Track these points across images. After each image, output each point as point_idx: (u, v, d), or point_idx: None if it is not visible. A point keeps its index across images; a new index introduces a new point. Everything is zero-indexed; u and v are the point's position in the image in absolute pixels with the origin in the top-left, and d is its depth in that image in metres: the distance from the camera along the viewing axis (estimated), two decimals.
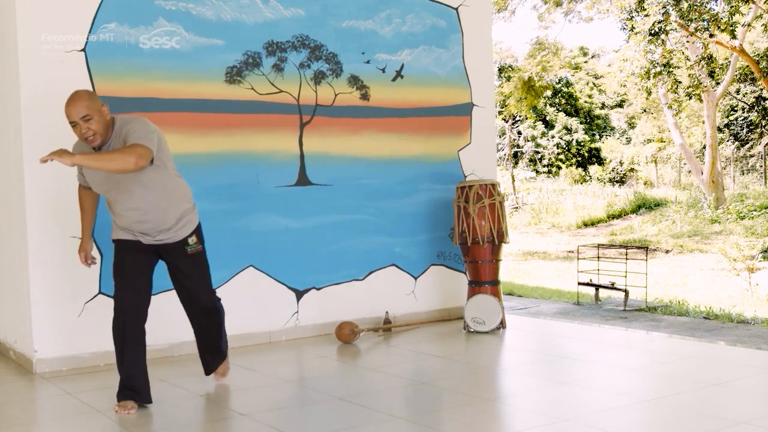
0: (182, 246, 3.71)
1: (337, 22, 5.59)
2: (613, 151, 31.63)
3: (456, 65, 6.14)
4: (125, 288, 3.65)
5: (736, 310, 6.83)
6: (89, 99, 3.47)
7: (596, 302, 7.51)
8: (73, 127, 3.47)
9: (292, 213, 5.40)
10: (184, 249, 3.72)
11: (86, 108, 3.42)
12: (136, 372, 3.65)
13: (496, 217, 5.49)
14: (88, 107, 3.42)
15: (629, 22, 17.08)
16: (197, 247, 3.76)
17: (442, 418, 3.47)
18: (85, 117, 3.41)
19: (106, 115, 3.49)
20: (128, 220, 3.61)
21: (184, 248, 3.72)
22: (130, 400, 3.62)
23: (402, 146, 5.88)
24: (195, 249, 3.75)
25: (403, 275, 5.89)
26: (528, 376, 4.30)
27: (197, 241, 3.77)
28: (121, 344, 3.64)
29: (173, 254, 3.73)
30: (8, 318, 5.07)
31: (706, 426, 3.14)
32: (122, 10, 4.77)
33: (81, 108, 3.42)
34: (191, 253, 3.74)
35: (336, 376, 4.41)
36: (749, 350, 4.76)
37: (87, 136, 3.44)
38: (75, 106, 3.43)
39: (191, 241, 3.73)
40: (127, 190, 3.54)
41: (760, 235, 14.06)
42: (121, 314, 3.63)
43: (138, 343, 3.66)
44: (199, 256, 3.79)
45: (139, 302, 3.67)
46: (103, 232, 4.71)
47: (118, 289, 3.67)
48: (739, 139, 25.39)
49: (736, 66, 19.24)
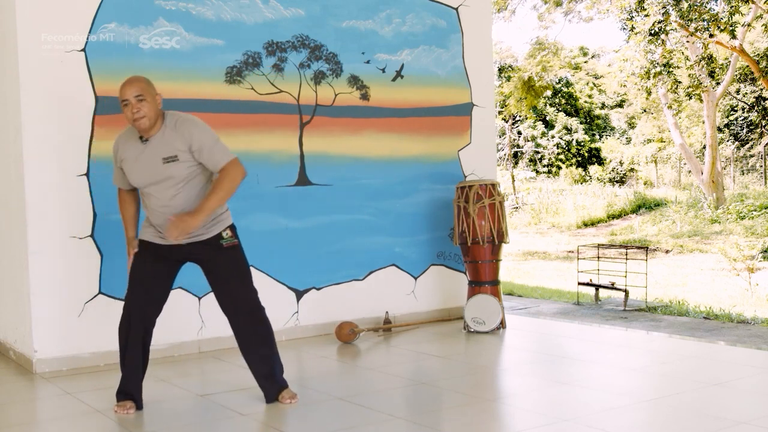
0: (217, 240, 3.59)
1: (337, 22, 5.59)
2: (613, 151, 31.63)
3: (456, 65, 6.14)
4: (137, 291, 3.59)
5: (736, 310, 6.83)
6: (146, 82, 3.50)
7: (596, 302, 7.51)
8: (124, 107, 3.44)
9: (292, 213, 5.40)
10: (220, 243, 3.59)
11: (142, 89, 3.44)
12: (132, 376, 3.63)
13: (496, 217, 5.49)
14: (143, 89, 3.44)
15: (629, 22, 17.08)
16: (233, 240, 3.63)
17: (442, 418, 3.47)
18: (139, 97, 3.41)
19: (158, 103, 3.50)
20: (162, 217, 3.53)
21: (220, 242, 3.59)
22: (128, 401, 3.62)
23: (402, 146, 5.88)
24: (231, 242, 3.61)
25: (403, 275, 5.90)
26: (528, 376, 4.30)
27: (232, 235, 3.64)
28: (123, 347, 3.62)
29: (207, 252, 3.59)
30: (8, 318, 5.07)
31: (706, 426, 3.14)
32: (122, 10, 4.77)
33: (137, 88, 3.44)
34: (227, 247, 3.59)
35: (336, 376, 4.41)
36: (749, 350, 4.76)
37: (136, 117, 3.41)
38: (131, 85, 3.45)
39: (226, 234, 3.60)
40: (167, 186, 3.49)
41: (760, 235, 14.06)
42: (128, 316, 3.59)
43: (139, 348, 3.61)
44: (237, 250, 3.64)
45: (147, 308, 3.61)
46: (103, 232, 4.72)
47: (130, 291, 3.61)
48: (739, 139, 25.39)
49: (736, 66, 19.24)
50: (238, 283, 3.64)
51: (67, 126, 4.62)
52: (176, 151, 3.46)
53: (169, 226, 3.41)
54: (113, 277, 4.73)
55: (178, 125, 3.49)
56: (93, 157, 4.69)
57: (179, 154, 3.46)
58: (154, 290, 3.62)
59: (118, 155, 3.63)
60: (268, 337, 3.69)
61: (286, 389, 3.71)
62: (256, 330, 3.66)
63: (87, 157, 4.67)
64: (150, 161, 3.49)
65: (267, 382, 3.69)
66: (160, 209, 3.53)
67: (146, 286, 3.60)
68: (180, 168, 3.47)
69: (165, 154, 3.46)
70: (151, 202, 3.56)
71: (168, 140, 3.47)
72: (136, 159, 3.53)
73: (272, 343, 3.71)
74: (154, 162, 3.48)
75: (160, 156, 3.47)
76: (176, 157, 3.46)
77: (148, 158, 3.49)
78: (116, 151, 3.65)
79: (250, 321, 3.65)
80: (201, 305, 5.02)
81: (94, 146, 4.69)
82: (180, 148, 3.46)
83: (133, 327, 3.58)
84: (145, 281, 3.60)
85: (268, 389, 3.69)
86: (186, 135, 3.47)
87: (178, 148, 3.46)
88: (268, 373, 3.69)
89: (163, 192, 3.50)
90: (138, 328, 3.59)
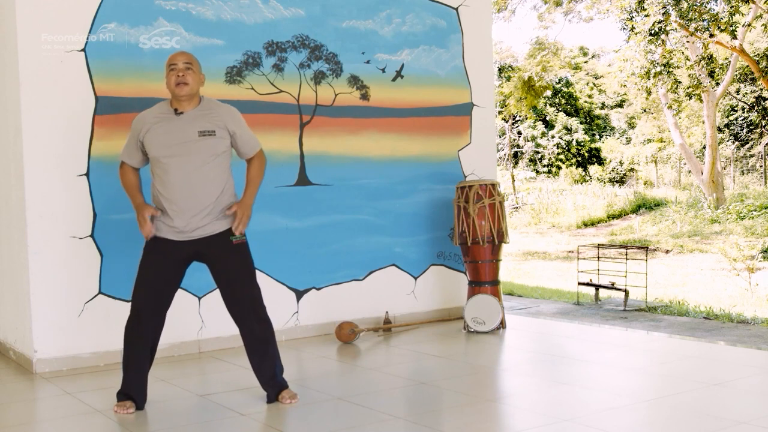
0: (227, 237, 3.61)
1: (337, 22, 5.59)
2: (613, 151, 31.64)
3: (456, 65, 6.14)
4: (147, 292, 3.59)
5: (736, 310, 6.83)
6: (195, 59, 3.69)
7: (596, 302, 7.51)
8: (169, 71, 3.59)
9: (292, 213, 5.40)
10: (230, 240, 3.61)
11: (191, 59, 3.63)
12: (136, 377, 3.63)
13: (496, 217, 5.50)
14: (192, 60, 3.64)
15: (629, 22, 17.08)
16: (242, 238, 3.65)
17: (442, 418, 3.47)
18: (187, 64, 3.59)
19: (200, 81, 3.67)
20: (177, 192, 3.52)
21: (230, 238, 3.61)
22: (128, 401, 3.61)
23: (402, 146, 5.88)
24: (240, 239, 3.63)
25: (403, 275, 5.90)
26: (528, 376, 4.30)
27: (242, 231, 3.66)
28: (130, 346, 3.62)
29: (215, 248, 3.60)
30: (8, 318, 5.07)
31: (706, 426, 3.14)
32: (122, 10, 4.77)
33: (187, 56, 3.64)
34: (236, 244, 3.61)
35: (336, 376, 4.41)
36: (749, 350, 4.76)
37: (179, 81, 3.55)
38: (182, 53, 3.67)
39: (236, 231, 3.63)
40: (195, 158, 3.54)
41: (760, 235, 14.06)
42: (137, 316, 3.59)
43: (147, 349, 3.62)
44: (245, 249, 3.67)
45: (157, 310, 3.62)
46: (103, 232, 4.72)
47: (140, 292, 3.60)
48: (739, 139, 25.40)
49: (736, 66, 19.24)
50: (245, 282, 3.65)
51: (67, 126, 4.62)
52: (215, 127, 3.61)
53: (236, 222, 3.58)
54: (113, 277, 4.73)
55: (216, 107, 3.69)
56: (93, 157, 4.69)
57: (217, 131, 3.60)
58: (163, 292, 3.63)
59: (141, 126, 3.64)
60: (272, 336, 3.71)
61: (287, 389, 3.71)
62: (261, 329, 3.67)
63: (87, 157, 4.67)
64: (182, 132, 3.57)
65: (269, 381, 3.69)
66: (179, 182, 3.53)
67: (156, 287, 3.61)
68: (215, 143, 3.59)
69: (202, 128, 3.58)
70: (169, 176, 3.55)
71: (207, 117, 3.62)
72: (166, 128, 3.59)
73: (275, 343, 3.72)
74: (188, 133, 3.57)
75: (196, 129, 3.58)
76: (213, 132, 3.60)
77: (180, 129, 3.58)
78: (139, 123, 3.67)
79: (255, 320, 3.66)
80: (201, 305, 5.02)
81: (94, 146, 4.69)
82: (219, 125, 3.62)
83: (143, 327, 3.59)
84: (155, 282, 3.60)
85: (269, 389, 3.70)
86: (225, 116, 3.66)
87: (217, 124, 3.62)
88: (271, 373, 3.69)
89: (187, 163, 3.54)
90: (148, 328, 3.60)
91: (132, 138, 3.70)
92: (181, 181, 3.54)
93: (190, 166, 3.54)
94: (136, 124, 3.70)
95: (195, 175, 3.54)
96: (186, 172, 3.54)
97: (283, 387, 3.71)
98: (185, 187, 3.53)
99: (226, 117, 3.66)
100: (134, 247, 4.79)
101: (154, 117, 3.65)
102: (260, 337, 3.67)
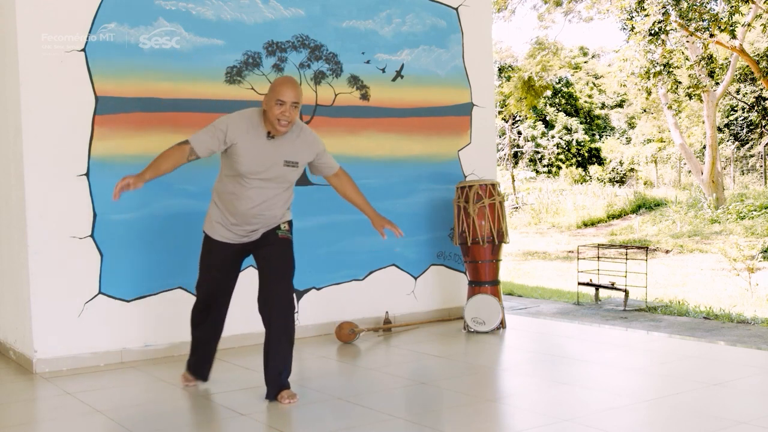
0: (274, 230, 3.76)
1: (337, 22, 5.59)
2: (613, 151, 31.65)
3: (456, 65, 6.14)
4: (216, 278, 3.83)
5: (736, 310, 6.83)
6: (302, 93, 3.64)
7: (596, 302, 7.51)
8: (277, 105, 3.52)
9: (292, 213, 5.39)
10: (276, 233, 3.75)
11: (299, 97, 3.59)
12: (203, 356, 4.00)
13: (496, 217, 5.50)
14: (300, 97, 3.60)
15: (629, 22, 17.08)
16: (288, 234, 3.78)
17: (442, 418, 3.46)
18: (295, 104, 3.57)
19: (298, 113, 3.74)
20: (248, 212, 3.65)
21: (276, 232, 3.75)
22: (194, 374, 4.03)
23: (402, 146, 5.88)
24: (285, 234, 3.77)
25: (403, 275, 5.90)
26: (528, 376, 4.30)
27: (288, 228, 3.80)
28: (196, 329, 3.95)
29: (262, 240, 3.76)
30: (8, 318, 5.07)
31: (706, 426, 3.14)
32: (122, 10, 4.77)
33: (297, 94, 3.58)
34: (282, 237, 3.75)
35: (336, 376, 4.41)
36: (749, 350, 4.76)
37: (284, 122, 3.55)
38: (294, 89, 3.57)
39: (283, 227, 3.77)
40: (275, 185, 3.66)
41: (760, 235, 14.06)
42: (206, 299, 3.86)
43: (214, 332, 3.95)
44: (288, 244, 3.78)
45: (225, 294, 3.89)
46: (103, 232, 4.72)
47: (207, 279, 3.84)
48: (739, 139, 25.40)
49: (736, 66, 19.24)
50: (279, 273, 3.73)
51: (67, 126, 4.62)
52: (300, 159, 3.70)
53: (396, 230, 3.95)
54: (113, 277, 4.73)
55: (303, 134, 3.73)
56: (93, 157, 4.69)
57: (300, 163, 3.71)
58: (229, 277, 3.88)
59: (235, 134, 3.58)
60: (293, 336, 3.78)
61: (286, 389, 3.72)
62: (286, 326, 3.73)
63: (87, 157, 4.67)
64: (271, 157, 3.62)
65: (274, 378, 3.73)
66: (254, 202, 3.65)
67: (222, 274, 3.84)
68: (294, 174, 3.71)
69: (289, 157, 3.66)
70: (247, 193, 3.64)
71: (296, 147, 3.68)
72: (257, 149, 3.61)
73: (292, 344, 3.79)
74: (275, 160, 3.63)
75: (283, 157, 3.64)
76: (297, 164, 3.69)
77: (270, 154, 3.62)
78: (232, 128, 3.58)
79: (284, 316, 3.72)
80: None
81: (94, 146, 4.69)
82: (305, 158, 3.74)
83: (213, 310, 3.89)
84: (222, 270, 3.83)
85: (270, 386, 3.73)
86: (312, 143, 3.75)
87: (303, 157, 3.72)
88: (280, 371, 3.73)
89: (268, 189, 3.66)
90: (220, 311, 3.91)
91: (218, 134, 3.59)
92: (256, 202, 3.67)
93: (269, 192, 3.68)
94: (229, 126, 3.59)
95: (269, 201, 3.69)
96: (264, 197, 3.67)
97: (284, 386, 3.73)
98: (257, 207, 3.68)
99: (312, 143, 3.75)
100: (134, 247, 4.82)
101: (246, 131, 3.60)
102: (284, 334, 3.72)
